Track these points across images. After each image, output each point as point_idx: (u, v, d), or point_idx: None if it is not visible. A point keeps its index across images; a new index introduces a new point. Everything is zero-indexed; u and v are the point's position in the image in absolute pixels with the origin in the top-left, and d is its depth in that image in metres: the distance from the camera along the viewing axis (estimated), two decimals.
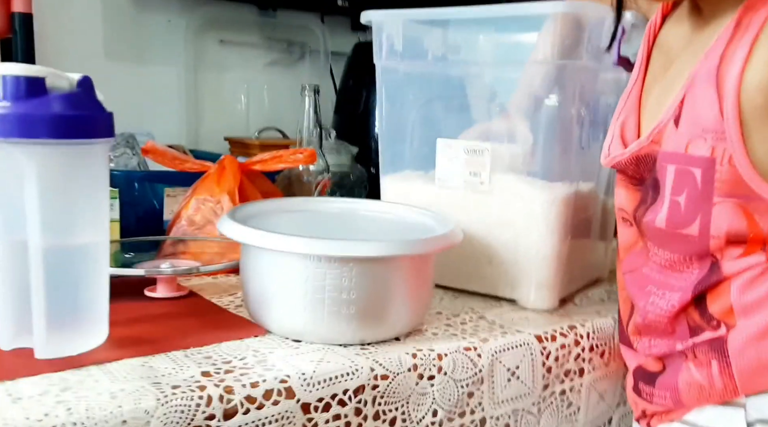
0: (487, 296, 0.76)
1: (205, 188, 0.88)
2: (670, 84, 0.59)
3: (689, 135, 0.53)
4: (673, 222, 0.56)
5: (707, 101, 0.52)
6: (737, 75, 0.50)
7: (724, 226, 0.53)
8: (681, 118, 0.54)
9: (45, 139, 0.49)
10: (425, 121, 0.82)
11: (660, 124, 0.56)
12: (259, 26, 1.47)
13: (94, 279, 0.55)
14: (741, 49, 0.50)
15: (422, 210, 0.72)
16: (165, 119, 1.38)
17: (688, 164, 0.54)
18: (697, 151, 0.53)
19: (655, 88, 0.62)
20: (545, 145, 0.73)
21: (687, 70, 0.56)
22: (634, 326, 0.63)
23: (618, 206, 0.64)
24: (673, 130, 0.55)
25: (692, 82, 0.53)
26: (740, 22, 0.51)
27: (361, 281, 0.57)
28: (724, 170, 0.52)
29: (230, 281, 0.79)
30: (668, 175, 0.55)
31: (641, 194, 0.61)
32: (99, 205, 0.55)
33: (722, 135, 0.51)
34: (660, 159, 0.56)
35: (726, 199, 0.53)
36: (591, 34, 0.68)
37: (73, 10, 1.25)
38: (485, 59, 0.79)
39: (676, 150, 0.54)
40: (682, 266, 0.57)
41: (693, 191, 0.54)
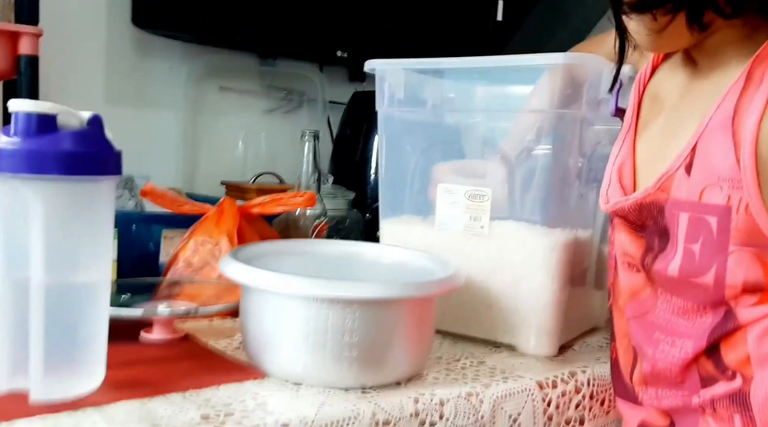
0: (486, 341, 0.76)
1: (204, 230, 0.88)
2: (668, 132, 0.60)
3: (703, 183, 0.53)
4: (687, 271, 0.55)
5: (722, 150, 0.52)
6: (755, 125, 0.50)
7: (740, 275, 0.53)
8: (693, 166, 0.54)
9: (53, 174, 0.49)
10: (425, 167, 0.84)
11: (669, 171, 0.56)
12: (258, 74, 1.50)
13: (94, 319, 0.54)
14: (758, 100, 0.51)
15: (423, 253, 0.73)
16: (162, 163, 1.39)
17: (702, 213, 0.53)
18: (713, 199, 0.53)
19: (648, 136, 0.63)
20: (544, 192, 0.74)
21: (689, 119, 0.57)
22: (640, 376, 0.62)
23: (622, 251, 0.64)
24: (685, 178, 0.54)
25: (705, 131, 0.53)
26: (751, 74, 0.52)
27: (364, 323, 0.57)
28: (741, 219, 0.52)
29: (226, 324, 0.78)
30: (681, 223, 0.55)
31: (645, 241, 0.61)
32: (103, 242, 0.54)
33: (738, 183, 0.51)
34: (670, 207, 0.56)
35: (742, 248, 0.52)
36: (590, 85, 0.70)
37: (76, 54, 1.27)
38: (482, 108, 0.81)
39: (689, 198, 0.54)
40: (695, 313, 0.57)
41: (708, 240, 0.53)
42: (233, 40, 1.35)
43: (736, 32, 0.54)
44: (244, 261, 0.63)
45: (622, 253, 0.64)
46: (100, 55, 1.30)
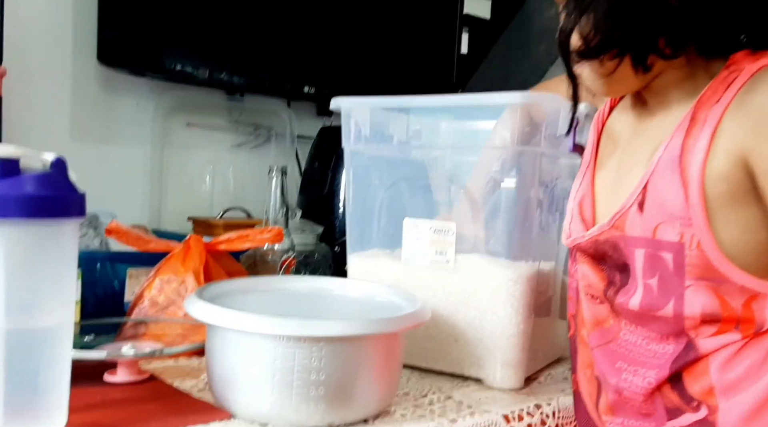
0: (453, 374, 0.76)
1: (170, 268, 0.88)
2: (621, 169, 0.61)
3: (656, 220, 0.54)
4: (647, 305, 0.56)
5: (672, 188, 0.53)
6: (700, 164, 0.52)
7: (697, 307, 0.54)
8: (645, 204, 0.55)
9: (16, 218, 0.48)
10: (392, 201, 0.85)
11: (622, 209, 0.57)
12: (226, 110, 1.51)
13: (56, 363, 0.53)
14: (702, 140, 0.52)
15: (389, 288, 0.73)
16: (128, 199, 1.38)
17: (657, 249, 0.55)
18: (666, 236, 0.54)
19: (605, 173, 0.65)
20: (507, 225, 0.76)
21: (638, 157, 0.59)
22: (606, 406, 0.62)
23: (585, 284, 0.65)
24: (638, 216, 0.56)
25: (655, 169, 0.55)
26: (695, 115, 0.54)
27: (331, 361, 0.57)
28: (694, 255, 0.53)
29: (192, 363, 0.77)
30: (638, 259, 0.56)
31: (607, 274, 0.62)
32: (66, 285, 0.54)
33: (689, 221, 0.53)
34: (626, 243, 0.57)
35: (698, 281, 0.54)
36: (548, 123, 0.73)
37: (42, 91, 1.27)
38: (446, 144, 0.82)
39: (643, 235, 0.55)
40: (657, 343, 0.58)
41: (665, 275, 0.55)
42: (200, 76, 1.36)
43: (680, 73, 0.57)
44: (209, 300, 0.63)
45: (585, 285, 0.65)
46: (66, 92, 1.29)
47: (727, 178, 0.52)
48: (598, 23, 0.53)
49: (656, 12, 0.52)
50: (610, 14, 0.53)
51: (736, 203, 0.52)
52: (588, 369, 0.65)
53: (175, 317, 0.84)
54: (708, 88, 0.54)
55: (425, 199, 0.83)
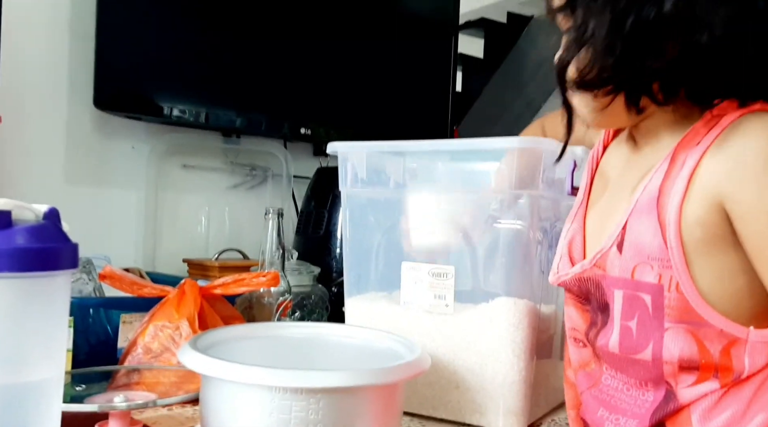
0: (454, 422, 0.75)
1: (164, 314, 0.86)
2: (607, 208, 0.62)
3: (634, 261, 0.54)
4: (625, 347, 0.56)
5: (650, 230, 0.53)
6: (677, 208, 0.52)
7: (675, 351, 0.54)
8: (624, 245, 0.55)
9: (7, 272, 0.47)
10: (389, 244, 0.84)
11: (603, 249, 0.57)
12: (222, 152, 1.51)
13: (45, 418, 0.51)
14: (679, 183, 0.52)
15: (388, 334, 0.72)
16: (122, 242, 1.37)
17: (636, 290, 0.54)
18: (645, 277, 0.54)
19: (595, 211, 0.65)
20: (507, 267, 0.75)
21: (622, 196, 0.59)
22: None
23: (569, 326, 0.65)
24: (617, 256, 0.56)
25: (633, 210, 0.55)
26: (675, 158, 0.54)
27: (329, 413, 0.55)
28: (673, 297, 0.53)
29: (186, 412, 0.75)
30: (616, 300, 0.56)
31: (590, 315, 0.62)
32: (56, 337, 0.53)
33: (668, 263, 0.52)
34: (606, 283, 0.57)
35: (677, 324, 0.53)
36: (546, 166, 0.73)
37: (36, 135, 1.27)
38: (443, 185, 0.82)
39: (622, 275, 0.55)
40: (638, 390, 0.57)
41: (644, 317, 0.54)
42: (196, 119, 1.36)
43: (669, 116, 0.57)
44: (204, 349, 0.62)
45: (570, 327, 0.65)
46: (61, 136, 1.30)
47: (704, 223, 0.51)
48: (596, 58, 0.53)
49: (654, 59, 0.52)
50: (608, 51, 0.52)
51: (713, 249, 0.52)
52: (573, 410, 0.65)
53: (169, 364, 0.82)
54: (690, 130, 0.54)
55: None
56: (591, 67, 0.53)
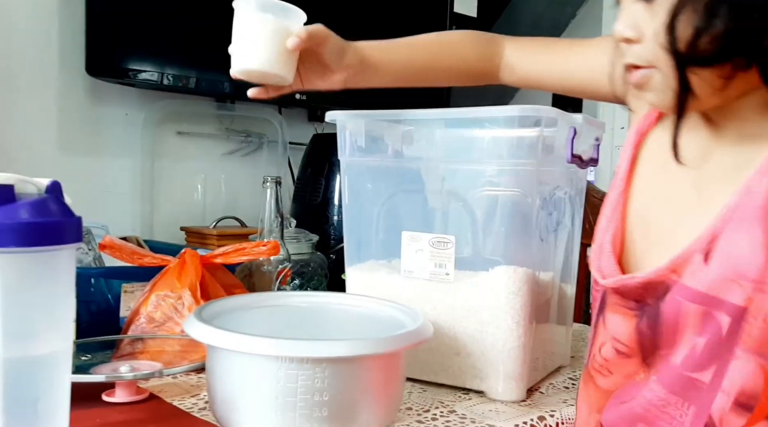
0: (455, 387, 0.76)
1: (166, 284, 0.87)
2: (680, 204, 0.54)
3: (723, 276, 0.47)
4: (688, 364, 0.50)
5: (751, 245, 0.46)
6: None
7: (738, 382, 0.48)
8: (713, 255, 0.48)
9: (12, 247, 0.48)
10: (388, 212, 0.84)
11: (684, 254, 0.49)
12: (217, 118, 1.50)
13: (55, 389, 0.52)
14: None
15: (390, 303, 0.73)
16: (119, 210, 1.37)
17: (714, 307, 0.48)
18: (729, 296, 0.47)
19: (647, 203, 0.57)
20: (507, 234, 0.75)
21: (708, 195, 0.51)
22: None
23: (611, 335, 0.56)
24: (701, 266, 0.48)
25: (731, 217, 0.47)
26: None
27: (334, 381, 0.56)
28: (757, 326, 0.46)
29: (191, 380, 0.76)
30: (689, 312, 0.49)
31: (639, 321, 0.54)
32: (63, 311, 0.53)
33: (763, 286, 0.45)
34: (679, 293, 0.50)
35: (749, 355, 0.47)
36: (546, 134, 0.72)
37: (29, 104, 1.25)
38: (441, 152, 0.82)
39: (702, 289, 0.48)
40: (677, 410, 0.51)
41: (715, 338, 0.48)
42: (189, 84, 1.35)
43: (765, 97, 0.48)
44: (209, 319, 0.62)
45: (611, 337, 0.56)
46: (54, 104, 1.28)
47: None
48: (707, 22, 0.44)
49: None
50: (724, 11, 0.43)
51: None
52: (596, 414, 0.59)
53: (172, 333, 0.83)
54: None
55: (423, 211, 0.82)
56: (702, 34, 0.44)
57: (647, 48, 0.49)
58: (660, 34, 0.47)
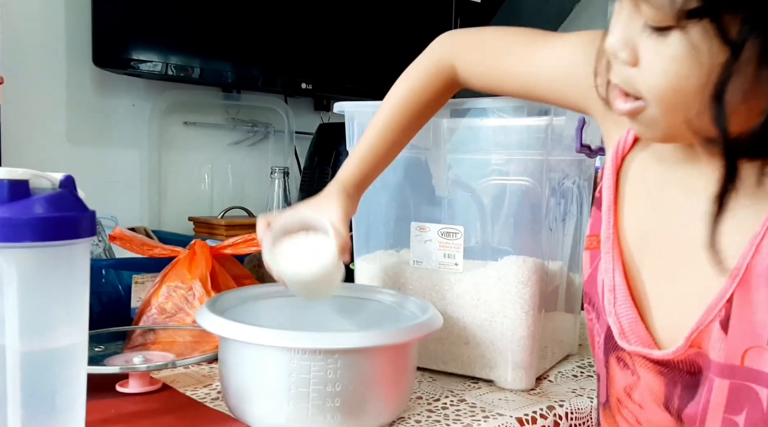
0: (464, 376, 0.77)
1: (176, 274, 0.87)
2: (681, 253, 0.48)
3: (746, 344, 0.43)
4: None
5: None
6: None
7: None
8: (731, 323, 0.43)
9: (28, 242, 0.48)
10: (397, 202, 0.85)
11: (699, 326, 0.45)
12: (223, 108, 1.50)
13: (72, 382, 0.53)
14: None
15: (400, 294, 0.73)
16: (126, 201, 1.37)
17: (747, 380, 0.43)
18: (761, 366, 0.42)
19: (642, 234, 0.51)
20: (516, 224, 0.76)
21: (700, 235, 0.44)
22: None
23: (647, 383, 0.51)
24: (721, 337, 0.43)
25: (743, 280, 0.42)
26: None
27: (346, 372, 0.57)
28: None
29: (204, 370, 0.77)
30: (719, 389, 0.45)
31: (668, 380, 0.49)
32: (78, 304, 0.54)
33: None
34: (705, 366, 0.46)
35: None
36: (555, 125, 0.72)
37: (37, 95, 1.25)
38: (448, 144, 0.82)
39: (728, 361, 0.43)
40: None
41: (756, 413, 0.43)
42: (196, 74, 1.34)
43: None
44: (221, 311, 0.63)
45: (647, 385, 0.50)
46: (62, 95, 1.28)
47: None
48: None
49: None
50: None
51: None
52: None
53: (183, 323, 0.84)
54: None
55: (431, 201, 0.82)
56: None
57: (643, 79, 0.41)
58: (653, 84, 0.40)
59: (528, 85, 0.62)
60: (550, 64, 0.60)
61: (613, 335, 0.51)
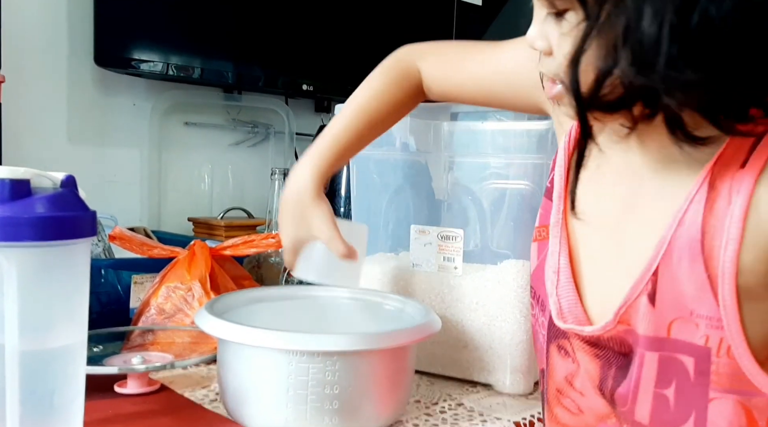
0: (462, 380, 0.77)
1: (176, 275, 0.87)
2: (612, 235, 0.50)
3: (672, 315, 0.44)
4: (659, 420, 0.46)
5: (693, 281, 0.43)
6: (732, 259, 0.41)
7: (723, 426, 0.44)
8: (657, 295, 0.44)
9: (29, 242, 0.48)
10: (396, 205, 0.85)
11: (627, 301, 0.46)
12: (224, 109, 1.50)
13: (70, 381, 0.53)
14: (731, 224, 0.41)
15: (399, 297, 0.73)
16: (126, 200, 1.37)
17: (674, 351, 0.44)
18: (687, 336, 0.44)
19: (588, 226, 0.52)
20: (515, 228, 0.76)
21: (638, 226, 0.47)
22: None
23: (586, 369, 0.52)
24: (649, 310, 0.45)
25: (666, 252, 0.44)
26: (714, 183, 0.43)
27: (345, 374, 0.57)
28: (723, 363, 0.43)
29: (202, 371, 0.77)
30: (648, 363, 0.46)
31: (602, 362, 0.50)
32: (78, 304, 0.54)
33: (718, 323, 0.42)
34: (633, 342, 0.47)
35: (724, 394, 0.44)
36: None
37: (38, 94, 1.26)
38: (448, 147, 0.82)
39: (656, 334, 0.45)
40: None
41: (684, 384, 0.44)
42: (196, 74, 1.35)
43: None
44: (220, 313, 0.63)
45: (586, 372, 0.52)
46: (62, 94, 1.28)
47: (765, 275, 0.41)
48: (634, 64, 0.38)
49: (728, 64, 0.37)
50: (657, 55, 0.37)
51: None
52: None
53: (182, 324, 0.84)
54: (726, 145, 0.43)
55: (430, 204, 0.83)
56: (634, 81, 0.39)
57: (557, 63, 0.44)
58: (562, 65, 0.43)
59: (486, 84, 0.65)
60: (506, 59, 0.64)
61: (554, 322, 0.53)
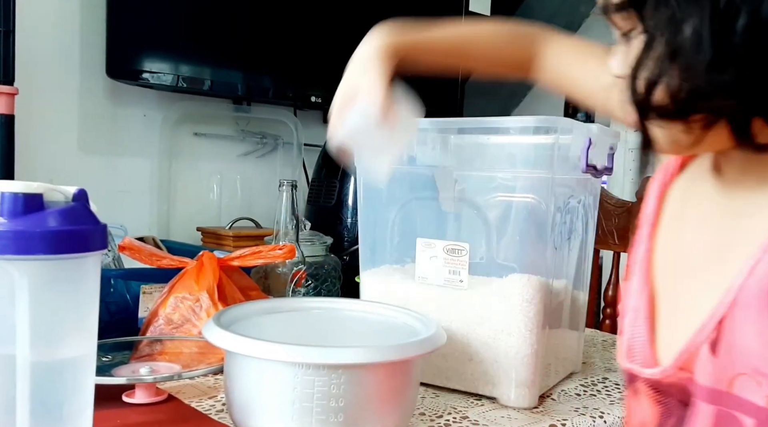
0: (467, 393, 0.77)
1: (184, 286, 0.88)
2: (692, 275, 0.47)
3: (734, 370, 0.41)
4: None
5: (759, 335, 0.39)
6: None
7: None
8: (720, 346, 0.41)
9: (41, 255, 0.49)
10: (402, 217, 0.85)
11: (689, 347, 0.44)
12: (233, 120, 1.51)
13: (80, 392, 0.54)
14: None
15: (404, 310, 0.74)
16: (136, 210, 1.39)
17: (733, 408, 0.41)
18: (748, 394, 0.40)
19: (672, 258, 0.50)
20: (521, 242, 0.76)
21: (712, 262, 0.44)
22: None
23: (637, 420, 0.50)
24: (709, 359, 0.42)
25: (734, 301, 0.41)
26: None
27: (350, 387, 0.57)
28: None
29: (209, 382, 0.78)
30: (702, 415, 0.43)
31: (664, 409, 0.48)
32: (88, 316, 0.55)
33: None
34: (694, 390, 0.44)
35: None
36: (561, 144, 0.73)
37: (50, 105, 1.27)
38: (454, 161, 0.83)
39: (715, 386, 0.42)
40: None
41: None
42: (206, 86, 1.36)
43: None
44: (227, 325, 0.63)
45: (639, 422, 0.51)
46: (74, 105, 1.30)
47: None
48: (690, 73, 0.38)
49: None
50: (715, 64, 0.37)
51: None
52: None
53: (190, 334, 0.85)
54: None
55: (437, 217, 0.83)
56: (681, 87, 0.38)
57: None
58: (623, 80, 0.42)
59: (602, 95, 0.64)
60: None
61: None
